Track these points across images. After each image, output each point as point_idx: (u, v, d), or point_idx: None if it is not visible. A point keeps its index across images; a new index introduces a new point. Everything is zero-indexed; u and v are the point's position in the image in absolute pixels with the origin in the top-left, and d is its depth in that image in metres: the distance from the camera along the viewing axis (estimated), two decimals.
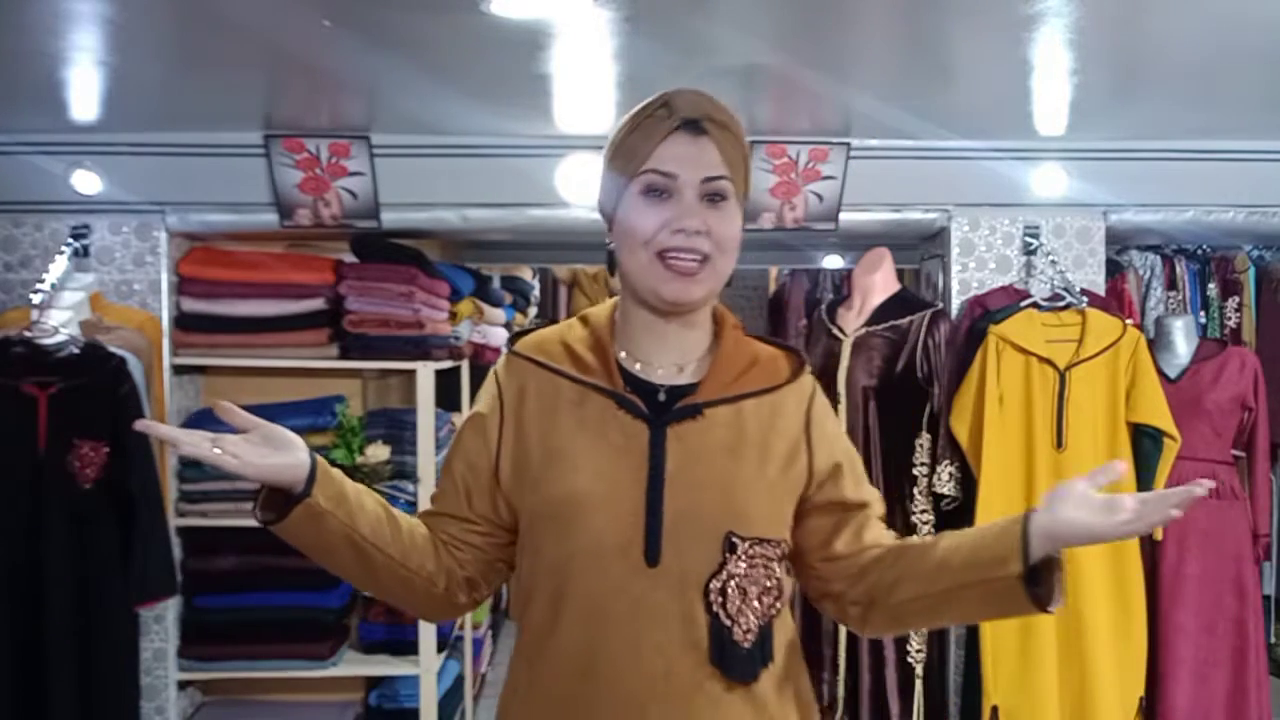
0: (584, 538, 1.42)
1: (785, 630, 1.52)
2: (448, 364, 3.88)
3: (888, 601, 1.51)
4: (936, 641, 3.55)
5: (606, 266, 1.53)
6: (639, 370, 1.50)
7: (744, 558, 1.43)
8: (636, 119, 1.51)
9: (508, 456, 1.50)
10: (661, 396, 1.48)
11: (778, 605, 1.47)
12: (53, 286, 3.25)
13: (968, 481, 3.44)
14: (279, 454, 1.53)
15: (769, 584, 1.45)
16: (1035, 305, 3.49)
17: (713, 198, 1.46)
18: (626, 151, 1.48)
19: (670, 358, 1.51)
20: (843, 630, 3.53)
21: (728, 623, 1.42)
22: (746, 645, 1.43)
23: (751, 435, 1.48)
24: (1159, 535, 3.44)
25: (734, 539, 1.42)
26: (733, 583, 1.42)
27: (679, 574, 1.41)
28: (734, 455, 1.46)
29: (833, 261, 5.54)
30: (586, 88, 3.05)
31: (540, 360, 1.51)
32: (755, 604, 1.44)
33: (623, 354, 1.52)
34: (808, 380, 1.57)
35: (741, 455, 1.46)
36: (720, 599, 1.42)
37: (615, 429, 1.45)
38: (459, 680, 4.14)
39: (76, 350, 3.11)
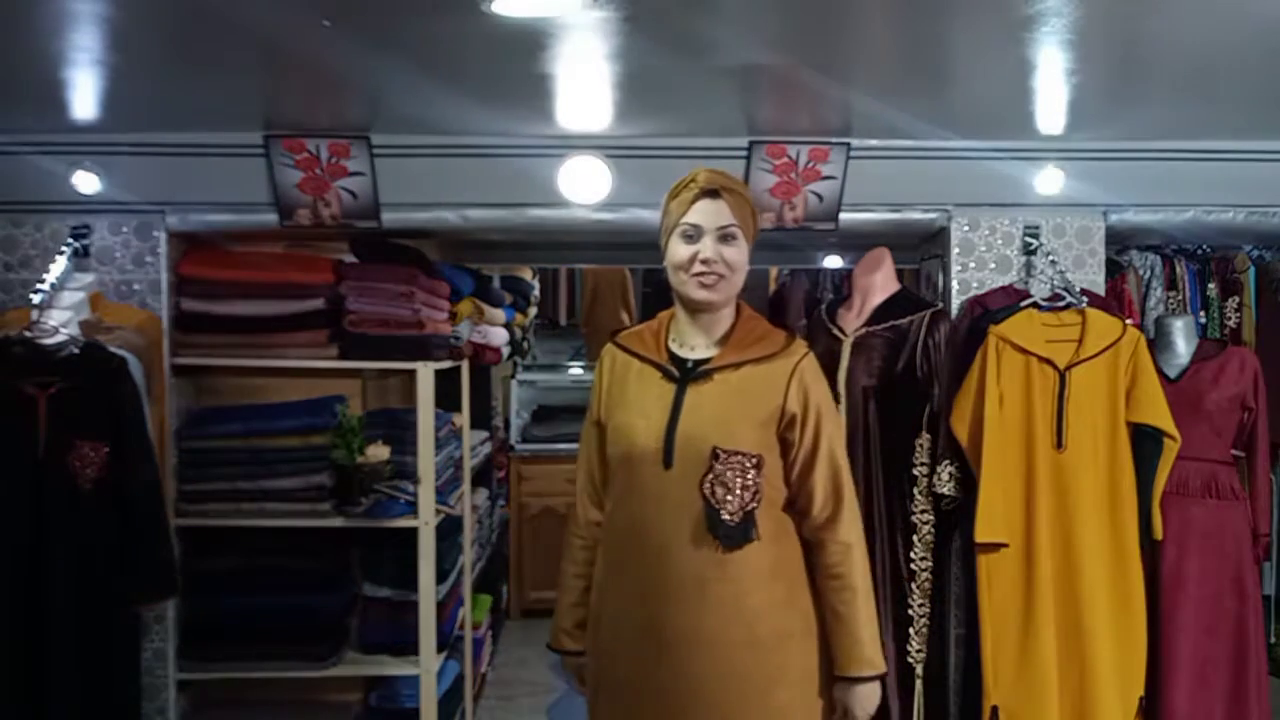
0: (632, 448, 2.25)
1: (773, 522, 2.24)
2: (448, 364, 3.88)
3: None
4: (936, 641, 3.55)
5: (665, 285, 2.39)
6: (680, 350, 2.32)
7: (723, 463, 2.18)
8: (678, 189, 2.30)
9: (605, 406, 2.37)
10: (689, 365, 2.28)
11: (757, 499, 2.20)
12: (53, 286, 3.25)
13: (968, 481, 3.44)
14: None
15: (747, 482, 2.19)
16: (1035, 305, 3.49)
17: (725, 238, 2.26)
18: (672, 211, 2.29)
19: (702, 340, 2.31)
20: None
21: (716, 505, 2.18)
22: (733, 523, 2.18)
23: (745, 387, 2.25)
24: (1159, 535, 3.44)
25: (717, 450, 2.19)
26: (718, 479, 2.19)
27: (683, 473, 2.20)
28: (728, 400, 2.24)
29: (833, 261, 5.53)
30: (586, 88, 3.05)
31: (624, 346, 2.39)
32: (737, 494, 2.18)
33: (673, 339, 2.34)
34: (798, 350, 2.31)
35: (734, 400, 2.24)
36: (710, 489, 2.19)
37: (658, 385, 2.28)
38: (459, 680, 4.14)
39: (76, 350, 3.11)
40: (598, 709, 2.38)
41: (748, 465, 2.19)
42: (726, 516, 2.17)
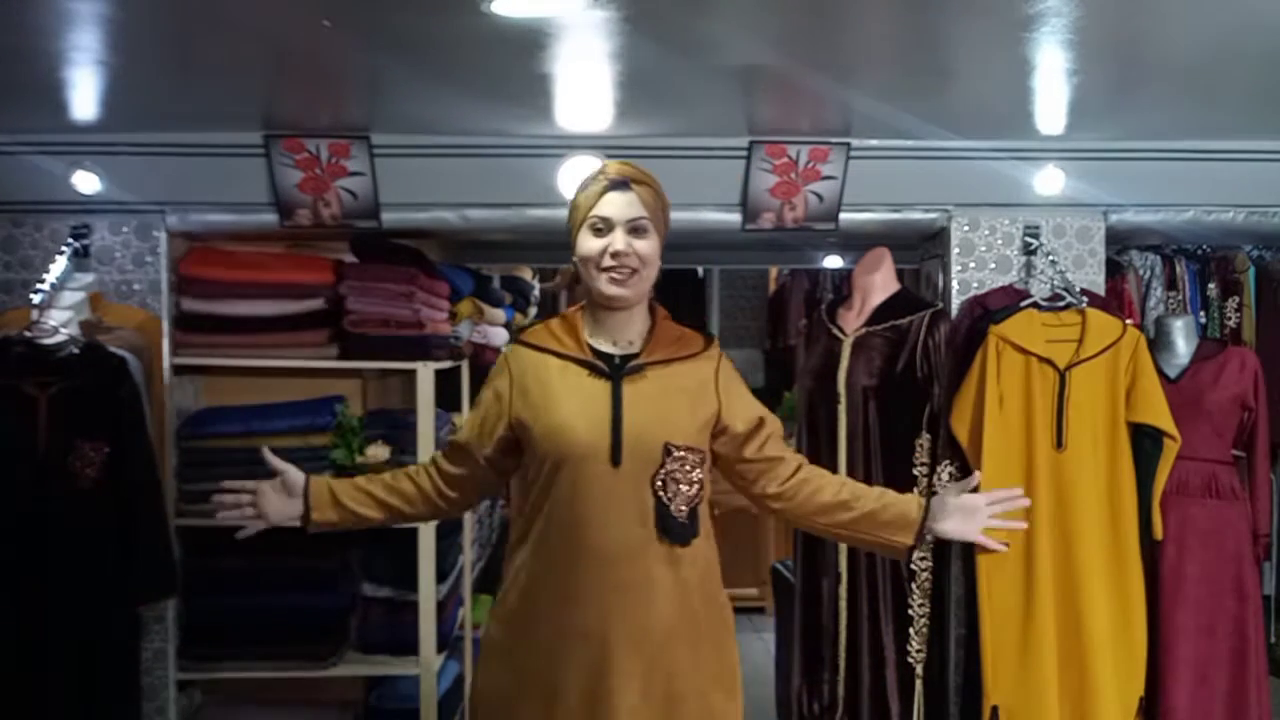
0: (573, 448, 2.15)
1: (707, 516, 2.24)
2: (448, 364, 3.88)
3: (799, 520, 2.37)
4: (936, 641, 3.56)
5: (574, 280, 2.35)
6: (600, 346, 2.23)
7: (675, 459, 2.15)
8: (587, 182, 2.22)
9: (519, 408, 2.23)
10: (617, 361, 2.21)
11: (701, 494, 2.19)
12: (53, 286, 3.25)
13: None
14: (287, 504, 2.43)
15: (694, 478, 2.18)
16: (1035, 305, 3.49)
17: (636, 230, 2.18)
18: (581, 204, 2.22)
19: (621, 335, 2.24)
20: (843, 631, 3.54)
21: (668, 502, 2.15)
22: (681, 519, 2.16)
23: (678, 384, 2.22)
24: (1159, 535, 3.44)
25: (670, 446, 2.15)
26: (670, 476, 2.15)
27: (634, 471, 2.14)
28: (667, 396, 2.20)
29: (833, 261, 5.54)
30: (586, 88, 3.05)
31: (538, 345, 2.26)
32: (685, 491, 2.16)
33: (591, 336, 2.25)
34: (715, 351, 2.31)
35: (672, 396, 2.21)
36: (662, 486, 2.15)
37: (588, 383, 2.20)
38: (459, 680, 4.14)
39: (76, 350, 3.11)
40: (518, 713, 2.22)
41: (696, 461, 2.17)
42: (676, 513, 2.15)
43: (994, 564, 3.40)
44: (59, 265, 3.34)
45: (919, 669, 3.51)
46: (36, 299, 3.16)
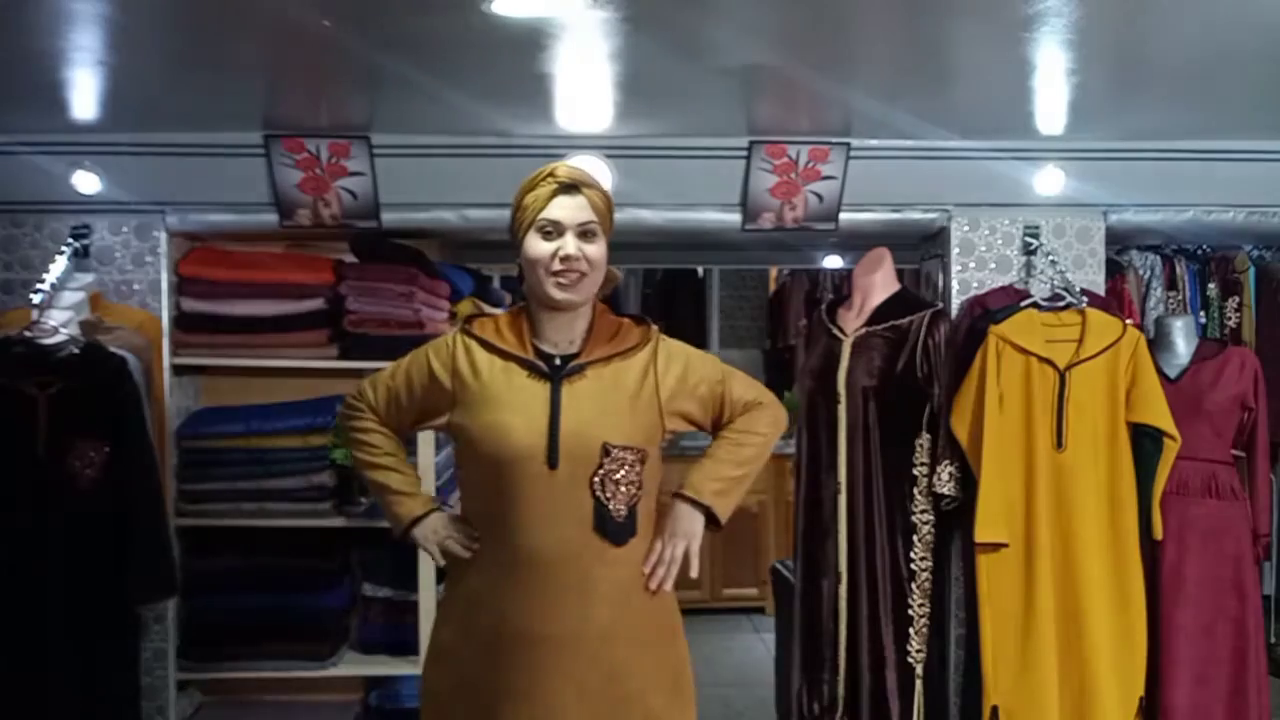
0: (509, 449, 2.12)
1: (647, 516, 2.21)
2: None
3: None
4: (936, 641, 3.55)
5: (517, 279, 2.28)
6: (543, 346, 2.22)
7: (614, 459, 2.13)
8: (534, 182, 2.19)
9: (459, 398, 2.20)
10: (557, 362, 2.20)
11: (640, 493, 2.16)
12: (53, 286, 3.25)
13: (968, 481, 3.44)
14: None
15: (633, 478, 2.15)
16: (1035, 305, 3.49)
17: (585, 234, 2.17)
18: (528, 205, 2.18)
19: (563, 337, 2.22)
20: (843, 631, 3.54)
21: (605, 503, 2.12)
22: (620, 519, 2.14)
23: (617, 381, 2.19)
24: (1159, 535, 3.44)
25: (607, 446, 2.13)
26: (608, 476, 2.12)
27: (571, 473, 2.11)
28: (605, 395, 2.17)
29: (833, 261, 5.53)
30: (586, 88, 3.05)
31: (482, 339, 2.23)
32: (623, 490, 2.14)
33: (533, 337, 2.23)
34: (652, 340, 2.26)
35: (610, 394, 2.18)
36: (600, 487, 2.12)
37: (528, 383, 2.18)
38: None
39: (76, 350, 3.11)
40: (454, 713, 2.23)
41: (635, 460, 2.14)
42: (615, 513, 2.12)
43: (994, 564, 3.40)
44: (59, 265, 3.34)
45: (919, 669, 3.51)
46: (36, 299, 3.16)
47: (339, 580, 3.66)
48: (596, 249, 2.18)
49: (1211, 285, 4.22)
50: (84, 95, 3.06)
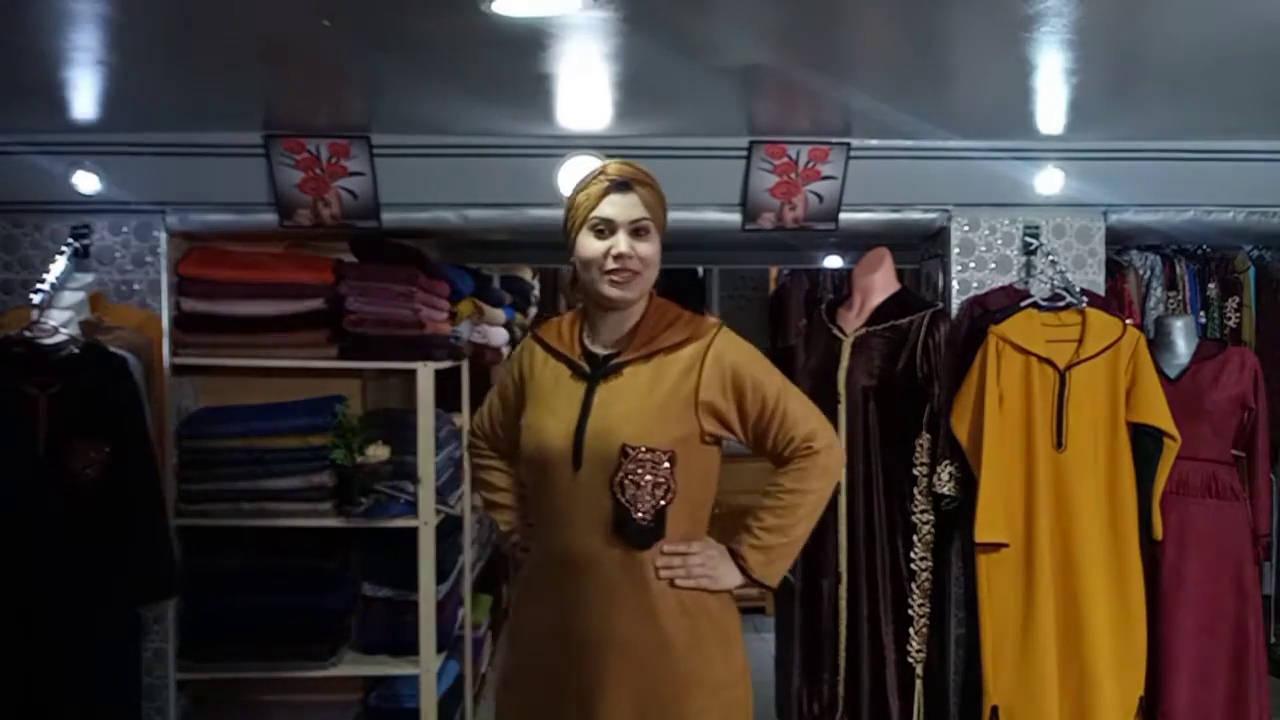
0: (542, 449, 2.15)
1: (686, 521, 2.14)
2: (448, 364, 3.88)
3: None
4: (936, 641, 3.56)
5: (571, 280, 2.28)
6: (593, 346, 2.21)
7: (634, 461, 2.08)
8: (586, 182, 2.18)
9: (526, 394, 2.26)
10: (600, 361, 2.18)
11: (670, 495, 2.10)
12: (53, 286, 3.25)
13: (968, 481, 3.44)
14: None
15: (659, 480, 2.09)
16: (1035, 305, 3.49)
17: (638, 231, 2.14)
18: (580, 205, 2.16)
19: (612, 337, 2.20)
20: (843, 631, 3.54)
21: (626, 506, 2.08)
22: (643, 523, 2.08)
23: (657, 379, 2.14)
24: (1159, 535, 3.44)
25: (626, 448, 2.08)
26: (628, 478, 2.08)
27: (593, 474, 2.09)
28: (638, 395, 2.13)
29: (833, 261, 5.54)
30: (586, 88, 3.05)
31: (543, 340, 2.28)
32: (649, 494, 2.08)
33: (587, 335, 2.23)
34: (709, 330, 2.19)
35: (644, 395, 2.13)
36: (620, 490, 2.08)
37: (568, 384, 2.19)
38: (459, 680, 4.14)
39: (76, 350, 3.10)
40: (507, 707, 2.31)
41: (660, 461, 2.08)
42: (638, 515, 2.07)
43: (994, 564, 3.40)
44: (59, 265, 3.34)
45: (919, 669, 3.51)
46: (36, 299, 3.16)
47: (339, 580, 3.66)
48: (649, 246, 2.15)
49: (1211, 285, 4.22)
50: (84, 95, 3.06)
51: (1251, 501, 3.57)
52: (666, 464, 2.09)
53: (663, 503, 2.09)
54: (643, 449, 2.08)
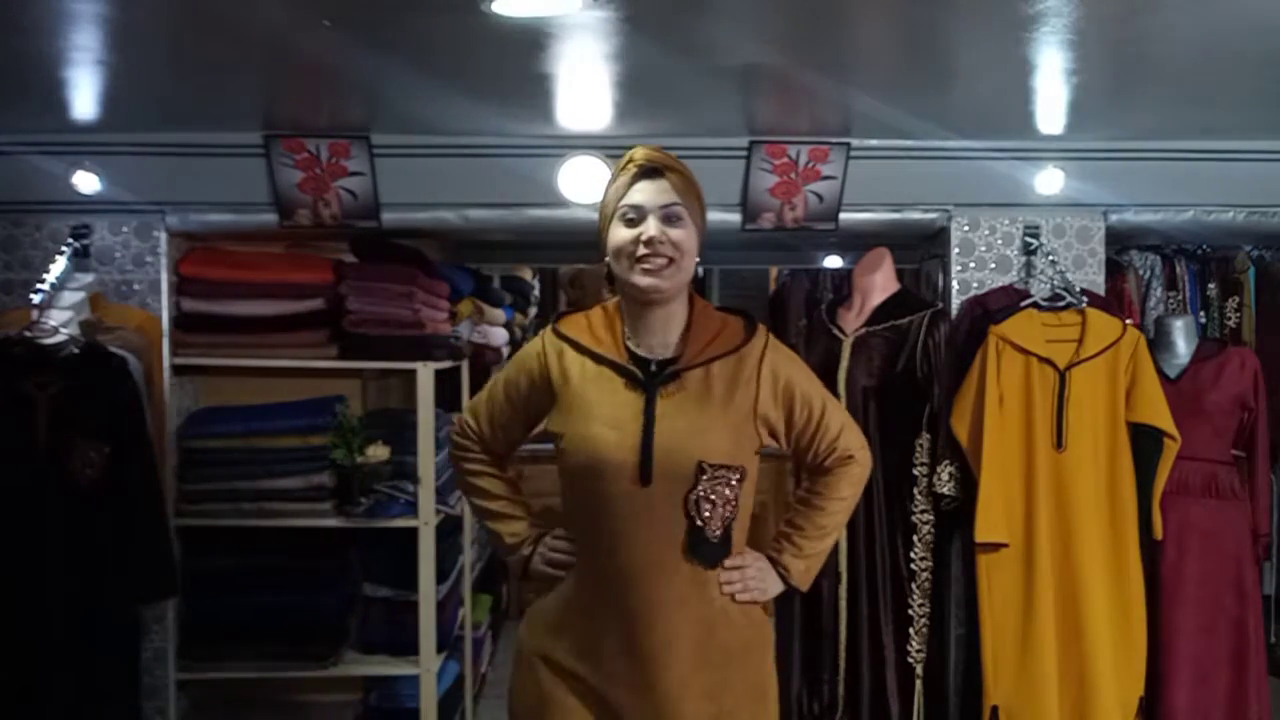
0: (602, 463, 2.01)
1: (741, 533, 2.09)
2: (448, 364, 3.88)
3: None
4: (936, 641, 3.55)
5: (607, 280, 2.12)
6: (638, 348, 2.09)
7: (710, 479, 2.01)
8: (615, 172, 2.08)
9: (553, 399, 2.10)
10: (653, 368, 2.07)
11: (736, 512, 2.05)
12: (53, 286, 3.25)
13: (968, 481, 3.44)
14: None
15: (730, 496, 2.03)
16: (1035, 305, 3.49)
17: (670, 219, 2.03)
18: (610, 198, 2.07)
19: (657, 338, 2.09)
20: (843, 631, 3.54)
21: (700, 524, 2.01)
22: (714, 540, 2.03)
23: (716, 388, 2.05)
24: (1159, 535, 3.44)
25: (703, 464, 2.00)
26: (703, 496, 2.01)
27: (665, 491, 2.00)
28: (703, 405, 2.04)
29: (833, 261, 5.54)
30: (586, 88, 3.05)
31: (575, 341, 2.11)
32: (721, 511, 2.03)
33: (628, 337, 2.10)
34: (760, 338, 2.12)
35: (709, 404, 2.04)
36: (696, 508, 2.01)
37: (622, 390, 2.05)
38: (459, 680, 4.14)
39: (76, 350, 3.10)
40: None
41: (732, 479, 2.03)
42: (710, 534, 2.02)
43: (994, 564, 3.40)
44: (59, 265, 3.34)
45: (919, 669, 3.51)
46: (36, 299, 3.17)
47: (339, 580, 3.65)
48: (683, 233, 2.04)
49: (1211, 285, 4.22)
50: (84, 95, 3.06)
51: (1251, 501, 3.57)
52: (737, 480, 2.04)
53: (731, 519, 2.04)
54: (719, 466, 2.01)
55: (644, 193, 2.03)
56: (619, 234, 2.04)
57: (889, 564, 3.49)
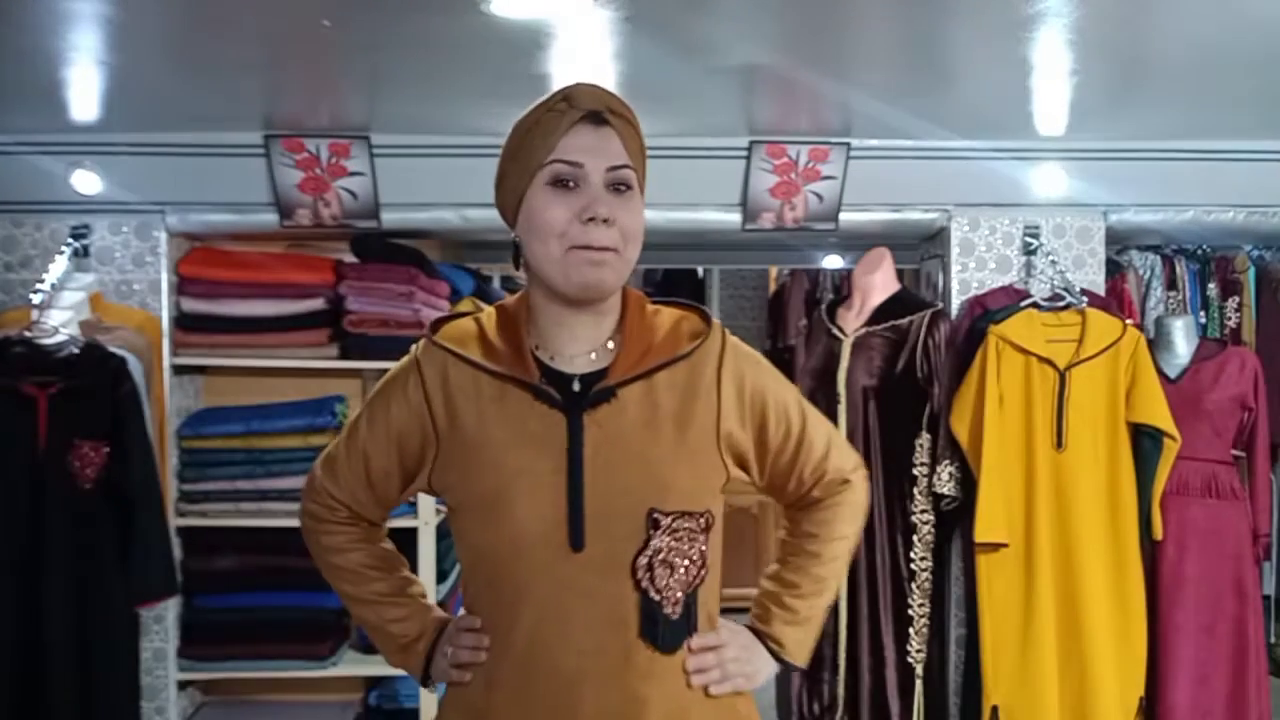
0: (509, 528, 1.45)
1: (712, 599, 1.55)
2: None
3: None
4: (936, 641, 3.55)
5: (513, 261, 1.55)
6: (553, 362, 1.51)
7: (667, 533, 1.45)
8: (537, 114, 1.48)
9: (436, 444, 1.53)
10: (576, 386, 1.49)
11: (702, 575, 1.50)
12: (53, 286, 3.25)
13: (968, 481, 3.44)
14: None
15: (694, 555, 1.48)
16: (1035, 305, 3.49)
17: (618, 187, 1.47)
18: (530, 146, 1.47)
19: (582, 347, 1.51)
20: (843, 630, 3.54)
21: (656, 598, 1.46)
22: (675, 617, 1.47)
23: (666, 407, 1.49)
24: (1159, 535, 3.44)
25: (656, 515, 1.45)
26: (659, 558, 1.45)
27: (605, 555, 1.44)
28: (650, 430, 1.48)
29: (833, 261, 5.54)
30: None
31: (461, 353, 1.53)
32: (681, 576, 1.47)
33: (536, 346, 1.52)
34: (715, 337, 1.55)
35: (658, 429, 1.48)
36: (648, 575, 1.45)
37: (534, 420, 1.47)
38: None
39: (76, 350, 3.11)
40: None
41: (697, 530, 1.48)
42: (669, 609, 1.46)
43: (994, 564, 3.40)
44: (59, 265, 3.34)
45: (919, 669, 3.51)
46: (36, 299, 3.17)
47: None
48: (632, 214, 1.48)
49: (1211, 285, 4.22)
50: (84, 95, 3.06)
51: (1251, 501, 3.57)
52: (702, 531, 1.49)
53: (696, 584, 1.49)
54: (677, 514, 1.46)
55: (585, 147, 1.46)
56: (547, 202, 1.45)
57: (889, 564, 3.49)
